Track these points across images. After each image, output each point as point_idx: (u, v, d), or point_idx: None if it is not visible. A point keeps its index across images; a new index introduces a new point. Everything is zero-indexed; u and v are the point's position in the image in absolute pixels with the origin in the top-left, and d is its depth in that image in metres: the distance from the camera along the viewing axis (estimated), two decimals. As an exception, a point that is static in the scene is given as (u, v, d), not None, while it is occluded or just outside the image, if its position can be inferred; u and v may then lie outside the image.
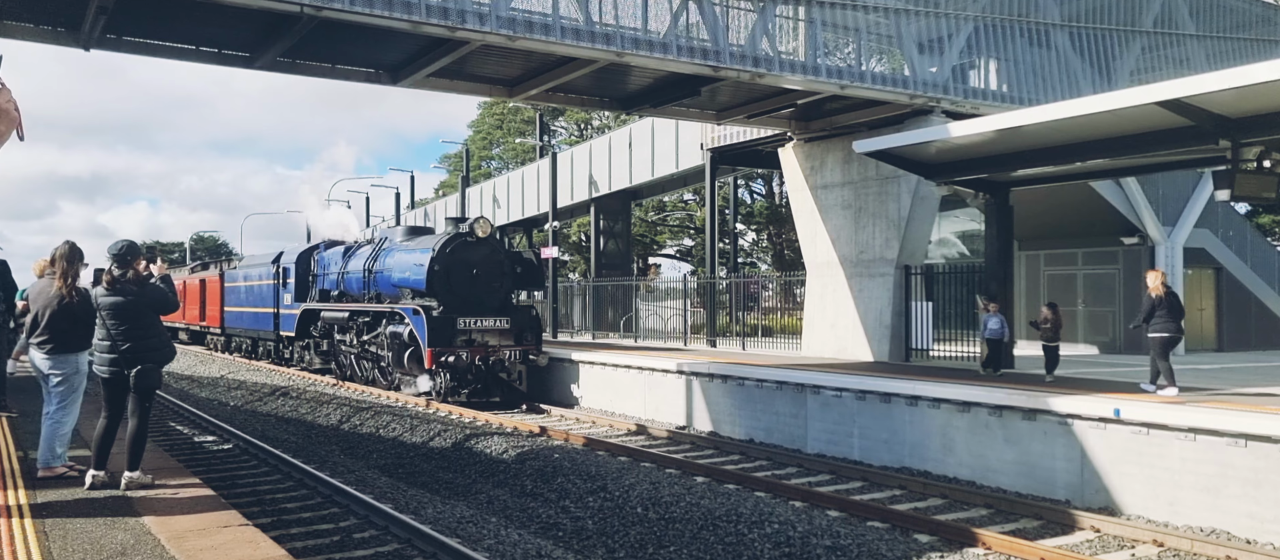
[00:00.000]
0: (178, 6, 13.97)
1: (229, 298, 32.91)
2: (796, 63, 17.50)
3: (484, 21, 14.36)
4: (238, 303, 31.76)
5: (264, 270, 28.56)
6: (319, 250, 26.12)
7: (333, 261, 24.59)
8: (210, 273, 37.03)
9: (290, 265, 26.58)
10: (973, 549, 8.26)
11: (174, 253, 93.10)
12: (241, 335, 32.24)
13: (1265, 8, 25.03)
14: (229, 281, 32.98)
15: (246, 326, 30.82)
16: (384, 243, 22.58)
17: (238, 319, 31.83)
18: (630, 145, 32.96)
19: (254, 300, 29.66)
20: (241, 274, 31.55)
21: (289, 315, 26.53)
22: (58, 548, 5.99)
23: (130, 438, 7.53)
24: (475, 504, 11.62)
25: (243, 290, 31.07)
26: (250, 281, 30.08)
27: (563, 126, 65.05)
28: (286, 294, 26.62)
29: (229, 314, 33.04)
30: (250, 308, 30.19)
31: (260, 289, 28.99)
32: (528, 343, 19.65)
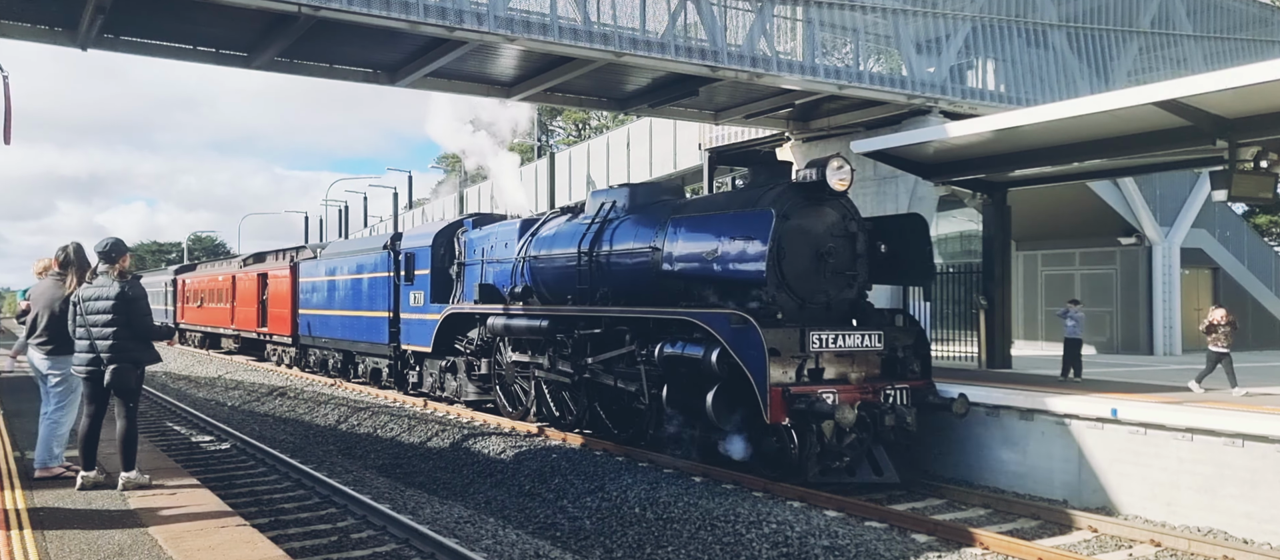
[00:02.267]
0: (175, 6, 13.95)
1: (308, 297, 24.96)
2: (794, 63, 17.51)
3: (482, 21, 14.36)
4: (322, 303, 23.86)
5: (370, 259, 21.03)
6: (464, 230, 18.19)
7: (502, 244, 16.53)
8: (274, 265, 28.87)
9: (419, 251, 18.71)
10: (970, 549, 8.26)
11: (171, 253, 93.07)
12: (327, 348, 23.98)
13: (1262, 8, 25.06)
14: (307, 276, 25.06)
15: (338, 335, 22.73)
16: (609, 213, 14.10)
17: (323, 326, 23.72)
18: (628, 145, 32.97)
19: (352, 300, 21.84)
20: (327, 265, 23.73)
21: (419, 321, 18.32)
22: (55, 548, 5.98)
23: (120, 438, 7.51)
24: (473, 504, 11.62)
25: (331, 287, 23.24)
26: (344, 275, 22.42)
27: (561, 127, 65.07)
28: (414, 291, 18.62)
29: (308, 319, 24.88)
30: (345, 311, 22.22)
31: (362, 285, 21.25)
32: (914, 377, 11.80)
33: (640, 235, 13.03)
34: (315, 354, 25.22)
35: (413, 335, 18.65)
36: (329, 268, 23.46)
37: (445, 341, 17.39)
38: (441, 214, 49.53)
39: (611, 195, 14.42)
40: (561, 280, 14.56)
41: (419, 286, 18.46)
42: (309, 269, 24.98)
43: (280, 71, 17.21)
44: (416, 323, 18.43)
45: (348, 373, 23.14)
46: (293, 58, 16.68)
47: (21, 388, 15.04)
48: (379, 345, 20.37)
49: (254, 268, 30.73)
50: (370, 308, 20.63)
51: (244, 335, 31.48)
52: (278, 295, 27.44)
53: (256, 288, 29.55)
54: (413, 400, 18.74)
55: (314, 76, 17.56)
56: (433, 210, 54.51)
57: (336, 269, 22.93)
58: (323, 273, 23.85)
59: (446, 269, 18.05)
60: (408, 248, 19.12)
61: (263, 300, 29.06)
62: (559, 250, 14.71)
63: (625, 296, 13.02)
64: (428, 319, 17.90)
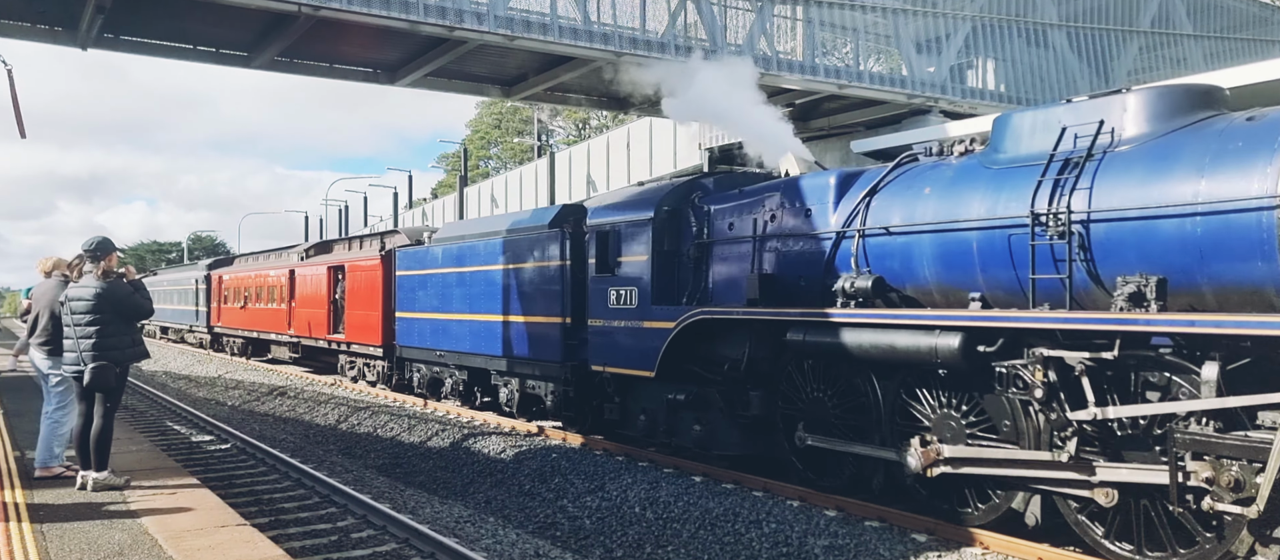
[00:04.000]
0: (176, 6, 13.99)
1: (410, 295, 18.50)
2: (794, 62, 17.54)
3: (482, 21, 14.38)
4: (434, 304, 17.45)
5: (525, 242, 14.57)
6: (699, 194, 12.00)
7: (794, 211, 10.51)
8: (354, 255, 22.64)
9: (626, 228, 12.37)
10: (970, 548, 8.26)
11: (171, 252, 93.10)
12: (443, 364, 17.58)
13: (1262, 7, 25.08)
14: (408, 267, 18.65)
15: (465, 348, 16.50)
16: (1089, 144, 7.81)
17: (438, 334, 17.37)
18: (628, 145, 32.97)
19: (492, 300, 15.48)
20: (447, 253, 17.13)
21: (626, 331, 12.18)
22: (55, 547, 5.99)
23: (94, 437, 7.52)
24: (473, 503, 11.63)
25: (452, 282, 16.86)
26: (477, 266, 16.02)
27: (561, 126, 65.11)
28: (617, 287, 12.36)
29: (410, 325, 18.48)
30: (479, 315, 15.91)
31: (511, 280, 14.92)
32: None
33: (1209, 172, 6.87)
34: (420, 370, 18.45)
35: (612, 351, 12.42)
36: (449, 256, 16.96)
37: (673, 360, 11.38)
38: (442, 214, 49.53)
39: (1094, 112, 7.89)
40: (992, 266, 8.29)
41: (626, 279, 12.25)
42: (412, 259, 18.47)
43: (280, 71, 17.23)
44: (621, 333, 12.22)
45: (472, 397, 16.75)
46: (293, 57, 16.72)
47: (22, 388, 15.06)
48: (542, 363, 14.12)
49: (321, 259, 24.70)
50: (527, 311, 14.40)
51: (307, 343, 25.07)
52: (360, 293, 21.16)
53: (326, 284, 23.21)
54: (413, 400, 18.72)
55: (314, 76, 17.59)
56: (433, 210, 54.52)
57: (464, 257, 16.42)
58: (436, 263, 17.37)
59: (674, 252, 11.89)
60: (601, 223, 12.77)
61: (335, 300, 22.90)
62: (975, 213, 8.41)
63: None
64: (647, 328, 11.75)
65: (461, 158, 48.35)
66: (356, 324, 21.49)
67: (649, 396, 12.24)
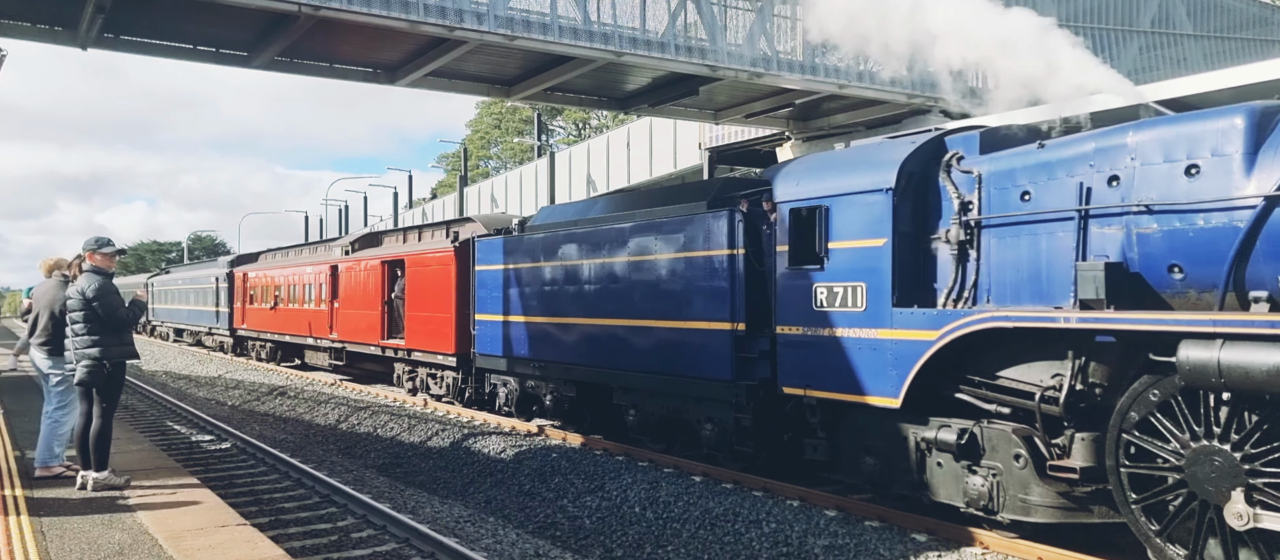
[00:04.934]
0: (176, 6, 13.99)
1: (493, 294, 15.35)
2: (794, 62, 17.53)
3: (482, 21, 14.38)
4: (534, 305, 14.20)
5: (671, 226, 11.63)
6: (957, 158, 8.99)
7: (1156, 170, 7.31)
8: (416, 247, 19.30)
9: (837, 201, 9.37)
10: (970, 548, 8.26)
11: (171, 252, 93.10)
12: (542, 377, 14.29)
13: (1262, 8, 25.08)
14: (491, 261, 15.40)
15: (570, 358, 13.48)
16: None
17: (538, 342, 14.17)
18: (628, 145, 32.97)
19: (617, 299, 12.49)
20: (548, 244, 13.88)
21: (844, 344, 9.28)
22: (55, 547, 5.99)
23: (93, 437, 7.55)
24: (473, 503, 11.63)
25: (555, 278, 13.73)
26: (596, 257, 12.94)
27: (561, 126, 65.11)
28: (825, 285, 9.46)
29: (495, 330, 15.26)
30: (596, 319, 12.89)
31: (645, 271, 12.00)
32: None
33: None
34: (506, 384, 15.42)
35: (819, 368, 9.49)
36: (552, 246, 13.79)
37: (924, 386, 8.54)
38: (441, 214, 49.55)
39: None
40: None
41: (843, 273, 9.21)
42: (497, 251, 15.24)
43: (280, 71, 17.24)
44: (836, 345, 9.24)
45: (579, 418, 13.86)
46: (293, 57, 16.72)
47: (22, 387, 15.07)
48: (700, 381, 11.06)
49: (372, 253, 21.53)
50: (673, 314, 11.43)
51: (354, 349, 21.94)
52: (426, 292, 17.97)
53: (379, 282, 20.24)
54: (413, 400, 18.72)
55: (314, 76, 17.60)
56: (432, 210, 54.53)
57: (575, 248, 13.29)
58: (534, 255, 14.21)
59: (917, 235, 9.03)
60: (799, 197, 9.68)
61: (391, 300, 19.95)
62: None
63: None
64: (885, 339, 8.80)
65: (461, 158, 48.37)
66: (420, 328, 18.26)
67: (882, 432, 9.09)
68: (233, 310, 32.06)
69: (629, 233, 12.34)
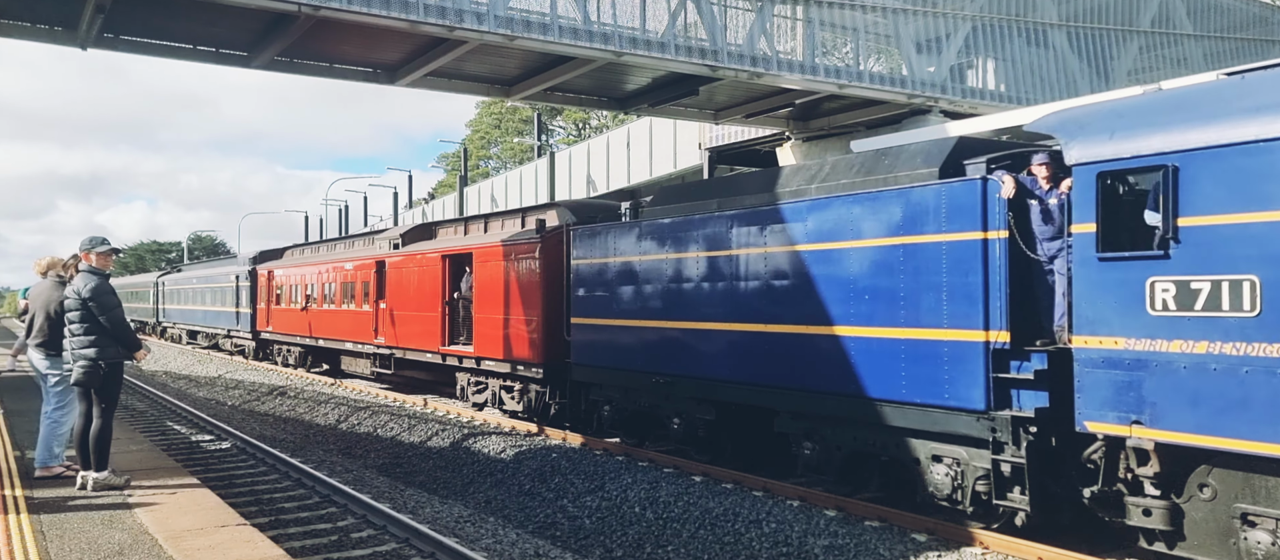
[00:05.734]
0: (176, 6, 13.98)
1: (596, 293, 13.11)
2: (794, 62, 17.53)
3: (481, 21, 14.38)
4: (652, 305, 12.05)
5: (865, 203, 9.18)
6: None
7: None
8: (494, 238, 16.24)
9: (1163, 166, 6.80)
10: (970, 548, 8.26)
11: (171, 252, 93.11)
12: (670, 395, 11.88)
13: (1262, 8, 25.07)
14: (593, 253, 13.19)
15: (718, 372, 11.02)
16: None
17: (656, 350, 11.96)
18: (628, 145, 32.98)
19: (786, 300, 10.06)
20: (672, 229, 11.73)
21: (1246, 369, 6.38)
22: (55, 547, 5.99)
23: (93, 437, 7.55)
24: (473, 503, 11.63)
25: (691, 271, 11.39)
26: (756, 247, 10.42)
27: (561, 126, 65.14)
28: (1174, 285, 6.78)
29: (594, 336, 13.14)
30: (754, 324, 10.46)
31: (831, 263, 9.54)
32: None
33: None
34: (611, 398, 12.98)
35: (1163, 403, 6.94)
36: (682, 234, 11.45)
37: None
38: (441, 213, 49.55)
39: None
40: None
41: (1204, 263, 6.74)
42: (602, 240, 12.96)
43: (280, 71, 17.23)
44: (1190, 366, 6.77)
45: (717, 447, 11.47)
46: (293, 57, 16.71)
47: (22, 388, 15.07)
48: (932, 414, 8.55)
49: (428, 247, 18.96)
50: (884, 319, 8.97)
51: (405, 356, 19.44)
52: (502, 291, 15.37)
53: (440, 279, 17.66)
54: (413, 399, 18.72)
55: (314, 76, 17.59)
56: (432, 210, 54.54)
57: (719, 235, 10.85)
58: (659, 245, 11.84)
59: None
60: (1114, 158, 7.23)
61: (453, 300, 17.44)
62: None
63: None
64: None
65: (461, 158, 48.37)
66: (494, 333, 15.53)
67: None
68: (256, 311, 29.61)
69: (805, 213, 9.78)
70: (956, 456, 8.52)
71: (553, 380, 14.33)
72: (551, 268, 14.22)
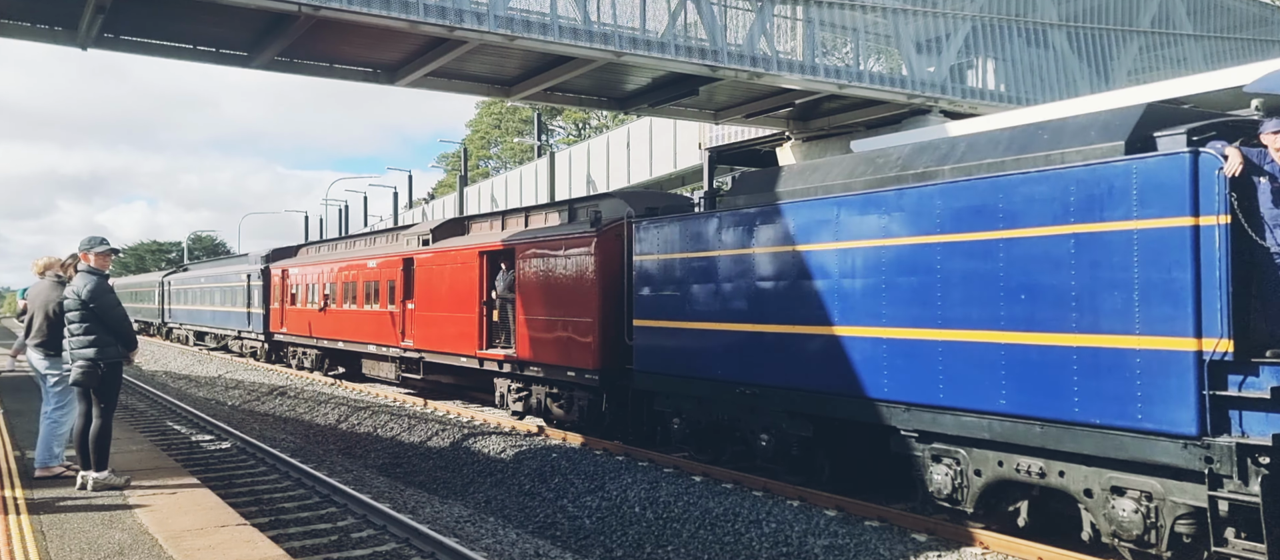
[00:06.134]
0: (175, 6, 13.98)
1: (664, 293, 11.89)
2: (794, 62, 17.52)
3: (481, 21, 14.37)
4: (735, 306, 10.80)
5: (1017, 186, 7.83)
6: None
7: None
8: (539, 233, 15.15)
9: None
10: (970, 548, 8.26)
11: (171, 252, 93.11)
12: (756, 407, 10.69)
13: (1262, 8, 25.07)
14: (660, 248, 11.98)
15: (817, 383, 9.78)
16: None
17: (742, 357, 10.68)
18: (628, 145, 32.99)
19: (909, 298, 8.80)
20: (759, 220, 10.46)
21: None
22: (55, 547, 5.99)
23: (92, 437, 7.55)
24: (473, 503, 11.64)
25: (789, 268, 10.03)
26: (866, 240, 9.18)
27: (561, 126, 65.15)
28: None
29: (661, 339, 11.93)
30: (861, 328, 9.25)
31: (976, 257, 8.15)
32: None
33: None
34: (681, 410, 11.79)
35: None
36: (778, 224, 10.13)
37: None
38: (441, 213, 49.56)
39: None
40: None
41: None
42: (671, 233, 11.70)
43: (280, 71, 17.23)
44: None
45: (811, 467, 10.32)
46: (293, 57, 16.71)
47: (22, 388, 15.07)
48: (1113, 438, 7.24)
49: (461, 242, 17.76)
50: (1049, 323, 7.66)
51: (436, 360, 18.14)
52: (550, 290, 14.22)
53: (476, 277, 16.43)
54: (413, 399, 18.72)
55: (314, 76, 17.59)
56: (432, 210, 54.54)
57: (824, 222, 9.63)
58: (744, 237, 10.58)
59: None
60: None
61: (491, 299, 16.25)
62: None
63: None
64: None
65: (461, 158, 48.37)
66: (542, 335, 14.40)
67: None
68: (269, 312, 28.41)
69: (935, 199, 8.44)
70: (1147, 489, 6.99)
71: (609, 388, 13.11)
72: (609, 264, 13.13)
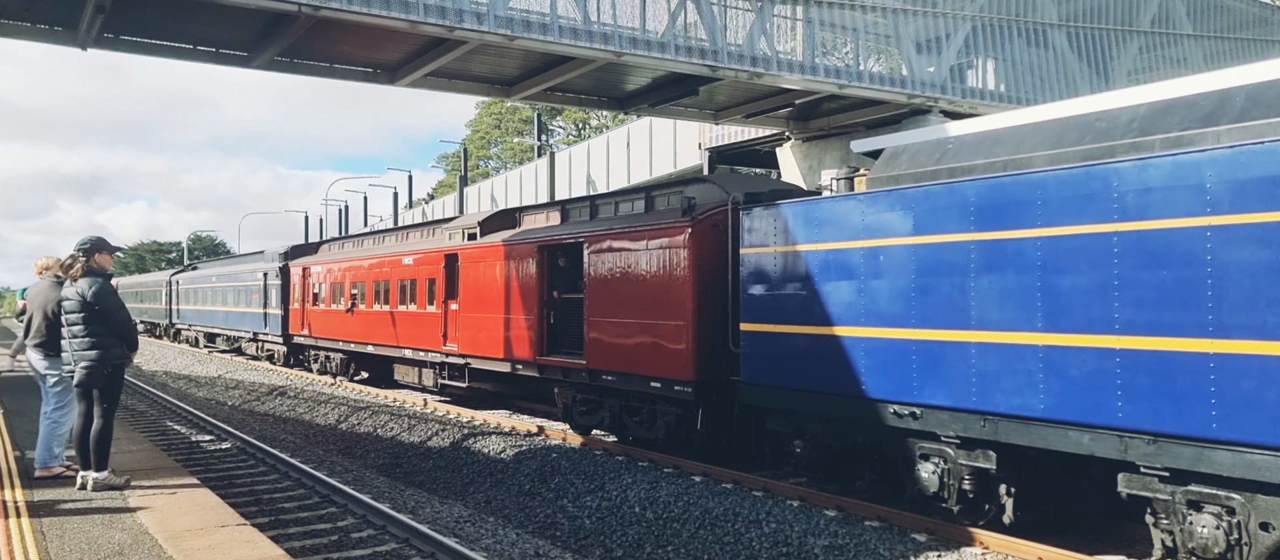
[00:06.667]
0: (176, 6, 13.98)
1: (788, 293, 10.06)
2: (794, 62, 17.52)
3: (482, 21, 14.37)
4: (932, 309, 8.53)
5: None
6: None
7: None
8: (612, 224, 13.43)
9: None
10: (970, 548, 8.26)
11: (171, 252, 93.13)
12: (931, 432, 8.62)
13: (1262, 8, 25.06)
14: (777, 240, 10.25)
15: (1062, 411, 7.50)
16: None
17: (918, 368, 8.64)
18: (628, 145, 32.99)
19: None
20: (950, 199, 8.42)
21: None
22: (55, 547, 5.99)
23: (93, 437, 7.55)
24: (473, 503, 11.64)
25: (1031, 259, 7.70)
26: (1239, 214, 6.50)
27: (561, 126, 65.16)
28: None
29: (785, 348, 10.10)
30: (1163, 342, 6.87)
31: None
32: None
33: None
34: (807, 432, 10.12)
35: None
36: (955, 210, 8.43)
37: None
38: (440, 213, 49.57)
39: None
40: None
41: None
42: (796, 221, 10.09)
43: (280, 71, 17.23)
44: None
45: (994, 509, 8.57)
46: (293, 57, 16.71)
47: (21, 387, 15.07)
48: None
49: (512, 235, 15.93)
50: None
51: (485, 366, 16.34)
52: (630, 289, 12.65)
53: (536, 274, 14.80)
54: (413, 399, 18.72)
55: (314, 76, 17.59)
56: (432, 210, 54.54)
57: (1047, 201, 7.69)
58: (909, 224, 8.85)
59: None
60: None
61: (551, 298, 14.73)
62: None
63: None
64: None
65: (461, 158, 48.37)
66: (618, 340, 12.80)
67: None
68: (288, 312, 26.62)
69: (1202, 170, 6.72)
70: None
71: (704, 401, 11.49)
72: (706, 258, 11.53)
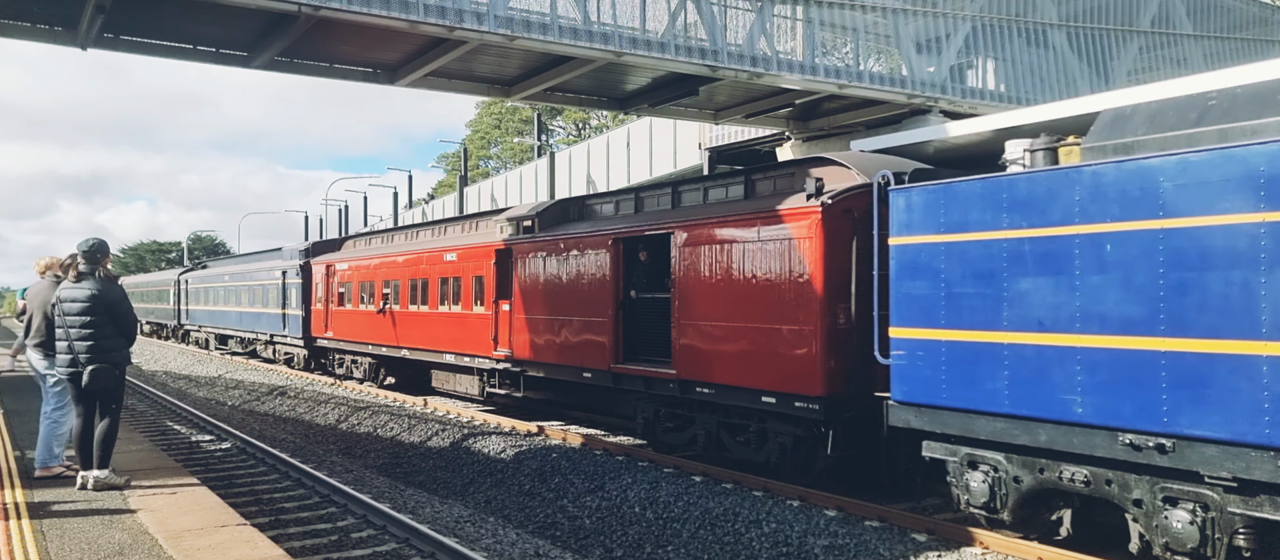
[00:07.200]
0: (176, 6, 13.99)
1: (1005, 291, 7.67)
2: (794, 62, 17.53)
3: (482, 21, 14.38)
4: None
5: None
6: None
7: None
8: (707, 210, 11.88)
9: None
10: (970, 548, 8.26)
11: (171, 252, 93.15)
12: None
13: (1262, 8, 25.07)
14: (985, 225, 7.84)
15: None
16: None
17: None
18: (628, 145, 32.98)
19: None
20: None
21: None
22: (55, 547, 5.99)
23: (98, 436, 7.55)
24: (473, 503, 11.63)
25: None
26: None
27: (561, 126, 65.18)
28: None
29: (991, 360, 7.80)
30: None
31: None
32: None
33: None
34: (988, 466, 8.19)
35: None
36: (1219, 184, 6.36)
37: None
38: (440, 213, 49.57)
39: None
40: None
41: None
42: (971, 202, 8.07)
43: (280, 71, 17.23)
44: None
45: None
46: (293, 57, 16.72)
47: (21, 387, 15.07)
48: None
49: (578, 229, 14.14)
50: None
51: (544, 374, 14.74)
52: (729, 285, 11.10)
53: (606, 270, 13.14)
54: (413, 400, 18.73)
55: (313, 76, 17.60)
56: (432, 210, 54.54)
57: None
58: (1154, 208, 6.70)
59: None
60: None
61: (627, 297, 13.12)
62: None
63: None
64: None
65: (461, 158, 48.38)
66: (719, 347, 11.20)
67: None
68: (309, 313, 24.88)
69: None
70: None
71: (834, 420, 9.87)
72: (838, 249, 9.86)
